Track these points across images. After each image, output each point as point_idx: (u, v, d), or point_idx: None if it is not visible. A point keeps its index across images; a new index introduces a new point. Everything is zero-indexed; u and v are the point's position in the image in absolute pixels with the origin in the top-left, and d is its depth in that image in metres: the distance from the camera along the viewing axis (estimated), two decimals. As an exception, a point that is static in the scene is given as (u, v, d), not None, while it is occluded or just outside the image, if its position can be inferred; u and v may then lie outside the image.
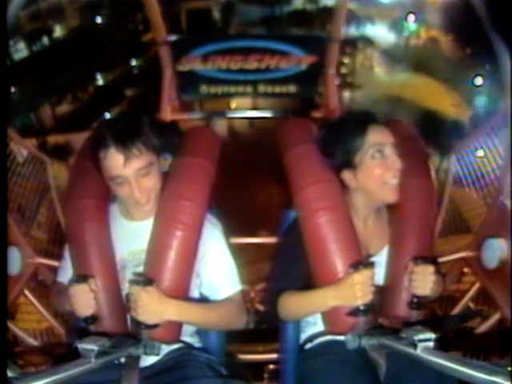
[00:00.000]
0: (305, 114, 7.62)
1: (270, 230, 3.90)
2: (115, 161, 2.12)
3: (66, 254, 2.40)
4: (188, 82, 7.25)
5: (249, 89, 7.38)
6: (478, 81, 23.88)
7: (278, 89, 7.36)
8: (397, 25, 28.47)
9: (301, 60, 7.12)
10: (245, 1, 28.37)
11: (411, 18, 27.62)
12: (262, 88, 7.35)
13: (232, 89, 7.36)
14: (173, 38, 6.96)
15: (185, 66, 7.11)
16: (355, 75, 28.15)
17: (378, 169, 2.26)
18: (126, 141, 2.12)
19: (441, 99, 25.24)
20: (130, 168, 2.13)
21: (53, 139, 22.00)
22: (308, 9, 28.58)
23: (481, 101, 23.97)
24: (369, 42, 28.60)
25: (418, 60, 27.00)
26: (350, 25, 26.90)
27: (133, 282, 2.11)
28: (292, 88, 7.37)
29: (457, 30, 23.79)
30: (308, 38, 7.99)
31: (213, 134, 2.67)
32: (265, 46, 7.10)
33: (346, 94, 27.04)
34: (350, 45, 27.08)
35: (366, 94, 26.57)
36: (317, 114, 7.17)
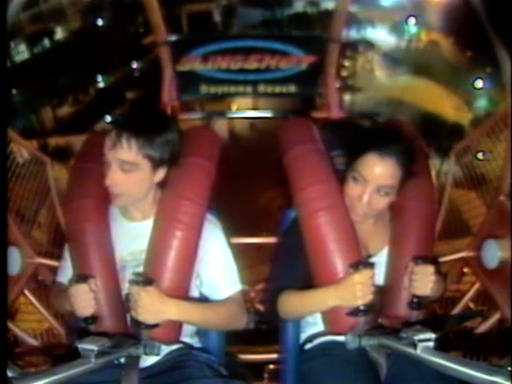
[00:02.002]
0: (305, 113, 7.63)
1: (270, 232, 3.90)
2: (109, 139, 2.15)
3: (66, 254, 2.40)
4: (188, 82, 7.25)
5: (249, 89, 7.39)
6: (479, 83, 23.87)
7: (278, 89, 7.37)
8: (398, 28, 28.42)
9: (301, 60, 7.12)
10: (246, 4, 28.36)
11: (412, 21, 27.60)
12: (262, 88, 7.36)
13: (232, 89, 7.37)
14: (173, 37, 6.97)
15: (185, 66, 7.11)
16: (356, 78, 28.13)
17: (350, 190, 2.28)
18: (125, 129, 2.13)
19: (441, 102, 25.23)
20: (114, 154, 2.14)
21: (53, 141, 22.01)
22: (309, 12, 28.54)
23: (481, 103, 23.96)
24: (370, 44, 28.55)
25: (419, 63, 27.00)
26: (351, 28, 26.89)
27: (133, 282, 2.11)
28: (292, 88, 7.37)
29: (457, 32, 23.78)
30: (308, 38, 7.97)
31: (213, 134, 2.67)
32: (265, 46, 7.10)
33: (347, 97, 27.05)
34: (351, 48, 27.05)
35: (367, 96, 26.56)
36: (317, 114, 7.17)
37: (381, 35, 29.03)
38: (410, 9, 27.39)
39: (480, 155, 4.17)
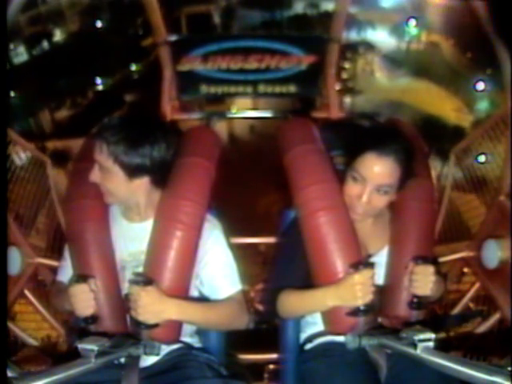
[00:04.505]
0: (305, 113, 7.63)
1: (270, 234, 3.89)
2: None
3: (66, 254, 2.40)
4: (188, 82, 7.26)
5: (249, 89, 7.39)
6: (480, 86, 23.84)
7: (278, 89, 7.37)
8: (398, 29, 28.40)
9: (301, 60, 7.13)
10: (245, 5, 28.33)
11: (412, 22, 27.58)
12: (262, 88, 7.36)
13: (232, 89, 7.37)
14: (173, 37, 6.98)
15: (185, 66, 7.12)
16: (356, 80, 28.10)
17: (350, 189, 2.28)
18: (103, 135, 2.16)
19: (442, 104, 25.22)
20: (95, 154, 2.19)
21: (51, 145, 21.98)
22: (309, 13, 28.52)
23: (483, 105, 23.92)
24: (370, 46, 28.53)
25: (419, 65, 27.00)
26: (351, 29, 26.89)
27: (132, 282, 2.11)
28: (292, 88, 7.38)
29: (458, 34, 23.79)
30: (308, 38, 7.95)
31: (213, 134, 2.67)
32: (265, 45, 7.11)
33: (348, 99, 27.01)
34: (351, 50, 27.05)
35: (368, 98, 26.54)
36: (317, 114, 7.18)
37: (381, 37, 29.02)
38: (410, 10, 27.39)
39: (480, 157, 4.17)
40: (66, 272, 2.40)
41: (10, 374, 1.58)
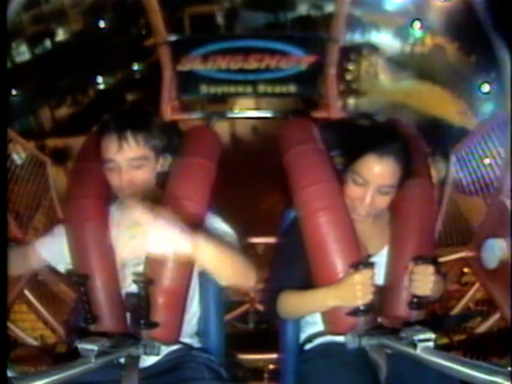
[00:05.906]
0: (305, 114, 7.62)
1: (271, 235, 3.88)
2: (111, 144, 2.15)
3: (56, 231, 2.45)
4: (188, 81, 7.27)
5: (249, 89, 7.39)
6: (485, 88, 23.76)
7: (278, 89, 7.37)
8: (402, 32, 28.37)
9: (301, 60, 7.13)
10: (249, 7, 28.29)
11: (417, 24, 27.55)
12: (261, 88, 7.36)
13: (232, 89, 7.38)
14: (173, 37, 6.98)
15: (185, 66, 7.12)
16: (360, 82, 28.05)
17: (351, 191, 2.28)
18: (127, 128, 2.14)
19: (446, 106, 25.17)
20: (123, 155, 2.15)
21: (52, 143, 21.99)
22: (313, 15, 28.48)
23: (488, 108, 23.82)
24: (374, 48, 28.48)
25: (423, 67, 26.96)
26: (355, 31, 26.90)
27: (134, 282, 2.10)
28: (292, 88, 7.38)
29: (462, 37, 23.74)
30: (308, 38, 7.92)
31: (213, 134, 2.67)
32: (265, 46, 7.11)
33: (351, 101, 26.98)
34: (355, 51, 27.03)
35: (371, 101, 26.50)
36: (317, 114, 7.17)
37: (385, 39, 28.98)
38: (415, 13, 27.36)
39: (480, 156, 4.17)
40: (46, 244, 2.47)
41: (9, 374, 1.58)
